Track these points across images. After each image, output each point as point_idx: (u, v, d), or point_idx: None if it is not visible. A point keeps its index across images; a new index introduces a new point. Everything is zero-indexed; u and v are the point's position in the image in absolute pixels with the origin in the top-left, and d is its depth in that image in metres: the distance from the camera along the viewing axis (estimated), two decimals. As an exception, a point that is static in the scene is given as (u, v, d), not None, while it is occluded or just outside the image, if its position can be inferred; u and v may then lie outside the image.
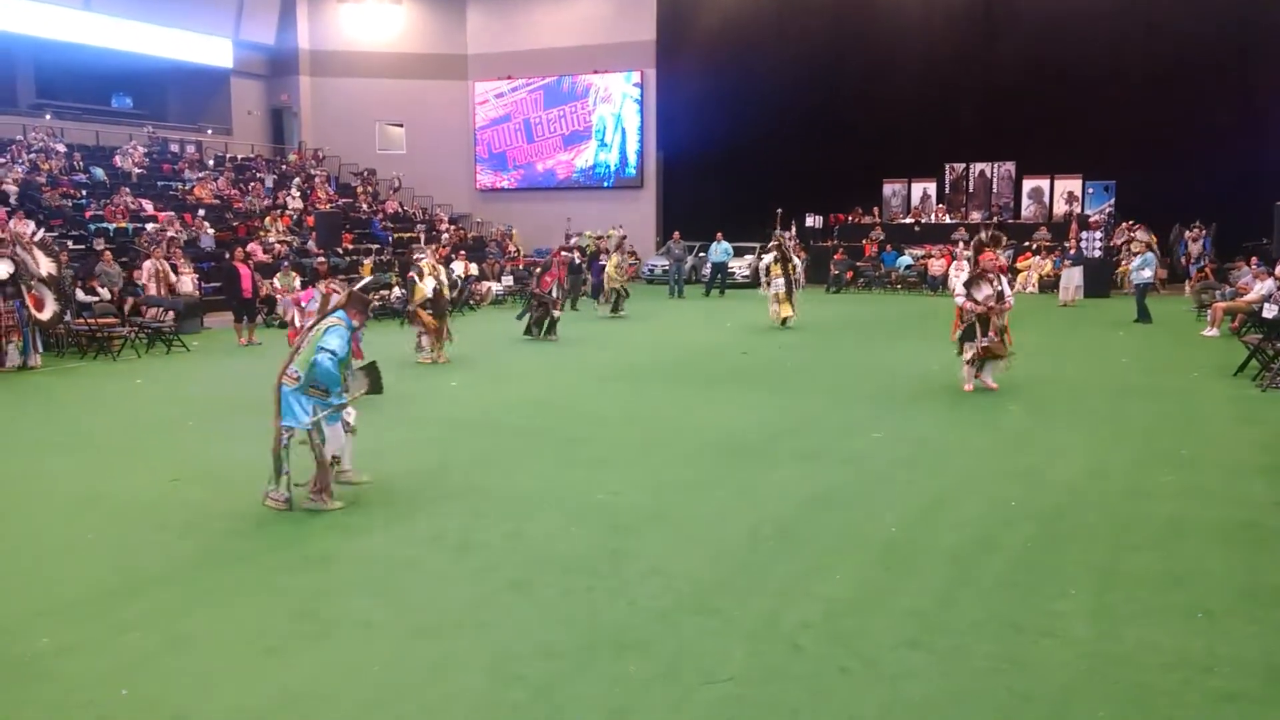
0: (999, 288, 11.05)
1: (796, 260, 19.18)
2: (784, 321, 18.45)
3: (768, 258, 18.95)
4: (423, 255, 15.73)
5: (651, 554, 6.04)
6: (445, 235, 30.41)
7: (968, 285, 11.17)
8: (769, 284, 18.65)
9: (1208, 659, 4.54)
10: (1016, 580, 5.53)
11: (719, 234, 27.43)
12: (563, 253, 19.94)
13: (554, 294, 17.21)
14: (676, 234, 28.11)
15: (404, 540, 6.41)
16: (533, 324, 17.10)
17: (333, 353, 6.87)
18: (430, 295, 14.17)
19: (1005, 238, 25.57)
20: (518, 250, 32.16)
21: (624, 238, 23.83)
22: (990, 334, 11.00)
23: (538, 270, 18.01)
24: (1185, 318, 19.14)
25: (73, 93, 29.56)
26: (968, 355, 11.22)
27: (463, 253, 25.34)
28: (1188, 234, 25.45)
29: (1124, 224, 26.87)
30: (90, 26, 28.47)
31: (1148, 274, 19.47)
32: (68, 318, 15.47)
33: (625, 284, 21.53)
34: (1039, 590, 5.38)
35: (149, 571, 5.92)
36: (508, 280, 26.81)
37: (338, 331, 6.99)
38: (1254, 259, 18.41)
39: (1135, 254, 20.89)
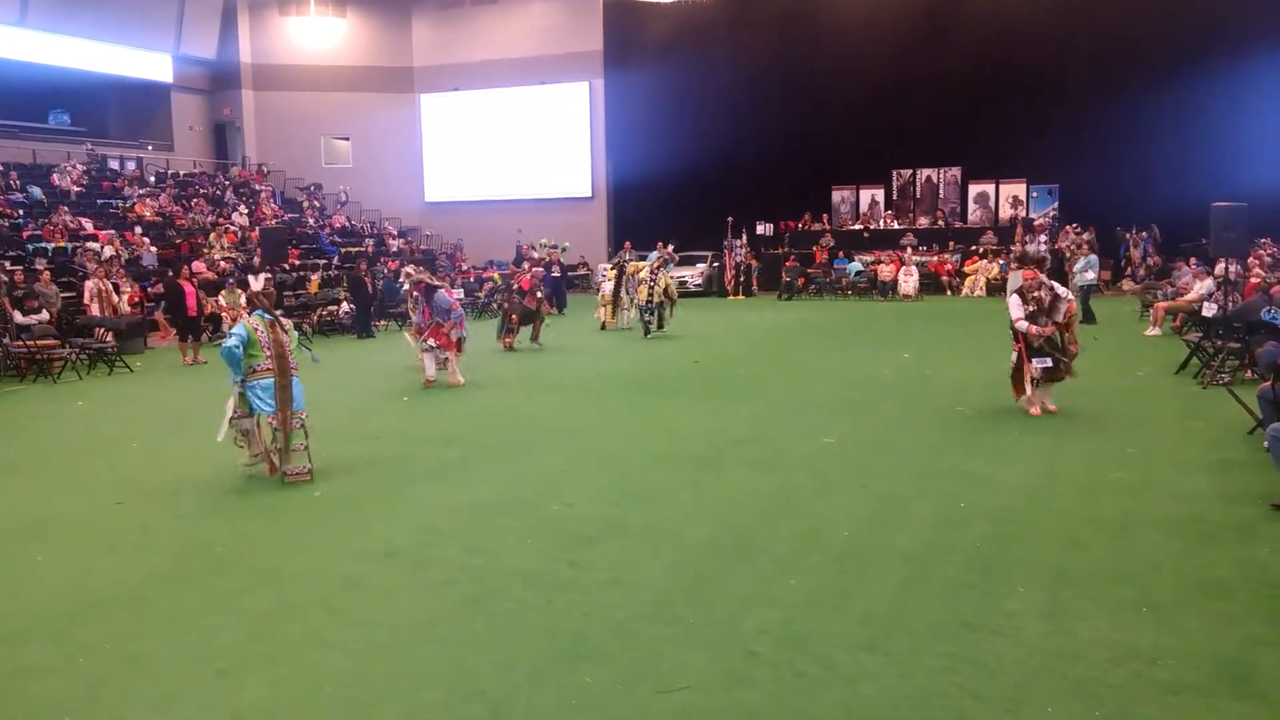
0: (1039, 297, 10.05)
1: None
2: (604, 325, 20.22)
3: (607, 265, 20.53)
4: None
5: (608, 564, 6.04)
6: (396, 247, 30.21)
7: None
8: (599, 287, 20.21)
9: (1155, 652, 4.62)
10: (969, 581, 5.59)
11: (659, 243, 27.49)
12: (534, 267, 19.83)
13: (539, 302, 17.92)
14: (627, 244, 28.14)
15: (358, 557, 6.34)
16: (530, 335, 17.66)
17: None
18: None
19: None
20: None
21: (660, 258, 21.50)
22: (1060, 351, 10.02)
23: (519, 288, 18.22)
24: (1128, 318, 19.54)
25: (7, 110, 28.92)
26: (1029, 376, 10.11)
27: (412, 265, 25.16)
28: (1129, 236, 25.97)
29: (1069, 226, 27.38)
30: (25, 42, 27.91)
31: (1091, 276, 19.83)
32: (5, 340, 15.14)
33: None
34: (991, 590, 5.44)
35: (101, 594, 5.81)
36: (458, 293, 26.64)
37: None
38: (1193, 259, 18.82)
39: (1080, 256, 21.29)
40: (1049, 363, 10.04)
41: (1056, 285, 10.22)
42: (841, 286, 28.11)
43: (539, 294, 17.92)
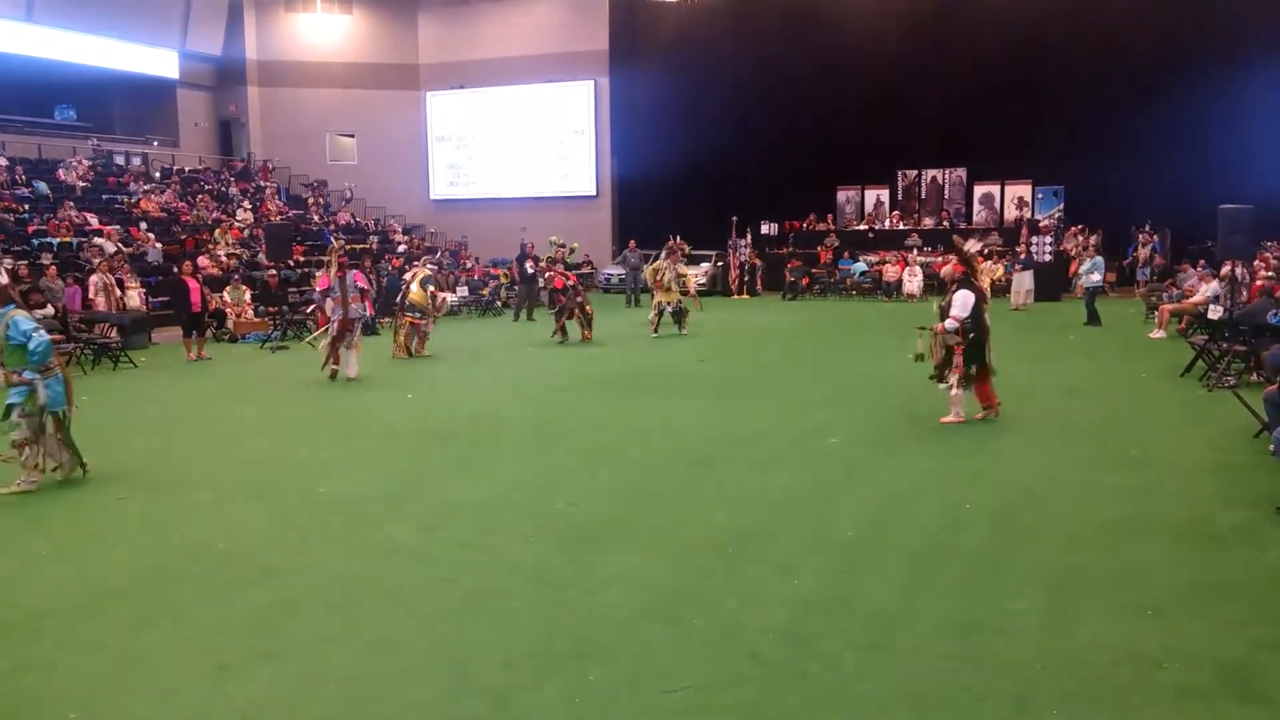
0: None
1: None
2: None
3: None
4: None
5: (611, 563, 6.02)
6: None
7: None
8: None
9: (1159, 654, 4.60)
10: (972, 581, 5.58)
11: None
12: (558, 266, 19.66)
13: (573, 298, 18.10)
14: (632, 242, 28.12)
15: (359, 553, 6.33)
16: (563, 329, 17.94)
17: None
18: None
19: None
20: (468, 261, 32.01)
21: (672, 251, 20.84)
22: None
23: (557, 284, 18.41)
24: (1134, 320, 19.48)
25: (14, 105, 28.92)
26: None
27: (417, 263, 25.18)
28: (1141, 236, 25.88)
29: (1074, 228, 27.32)
30: (32, 37, 27.88)
31: (1097, 278, 19.78)
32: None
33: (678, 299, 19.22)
34: (994, 590, 5.43)
35: (102, 589, 5.81)
36: (462, 291, 26.66)
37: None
38: (1200, 262, 18.77)
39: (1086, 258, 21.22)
40: None
41: (958, 299, 9.74)
42: (846, 287, 28.06)
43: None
